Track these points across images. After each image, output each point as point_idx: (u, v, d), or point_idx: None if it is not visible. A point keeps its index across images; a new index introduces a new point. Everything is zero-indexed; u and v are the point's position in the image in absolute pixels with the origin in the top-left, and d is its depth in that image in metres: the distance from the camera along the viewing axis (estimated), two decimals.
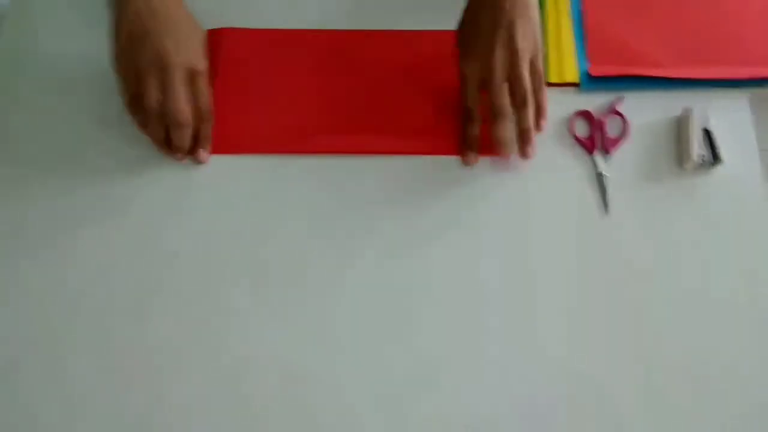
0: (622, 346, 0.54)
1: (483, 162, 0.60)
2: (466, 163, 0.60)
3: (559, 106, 0.62)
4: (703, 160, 0.58)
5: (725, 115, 0.60)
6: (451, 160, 0.61)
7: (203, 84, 0.57)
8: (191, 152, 0.59)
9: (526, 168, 0.60)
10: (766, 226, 0.57)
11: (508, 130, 0.57)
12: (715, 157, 0.58)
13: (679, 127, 0.61)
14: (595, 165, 0.60)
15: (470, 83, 0.58)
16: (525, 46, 0.55)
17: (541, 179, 0.60)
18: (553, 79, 0.63)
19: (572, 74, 0.63)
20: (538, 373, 0.53)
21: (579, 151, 0.61)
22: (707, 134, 0.59)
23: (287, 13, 0.67)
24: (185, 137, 0.57)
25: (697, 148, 0.58)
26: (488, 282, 0.56)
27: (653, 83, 0.62)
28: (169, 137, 0.57)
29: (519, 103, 0.56)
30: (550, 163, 0.60)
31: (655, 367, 0.53)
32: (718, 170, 0.59)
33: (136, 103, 0.56)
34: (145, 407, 0.52)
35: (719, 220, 0.58)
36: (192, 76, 0.56)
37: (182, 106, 0.55)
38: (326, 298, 0.56)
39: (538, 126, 0.59)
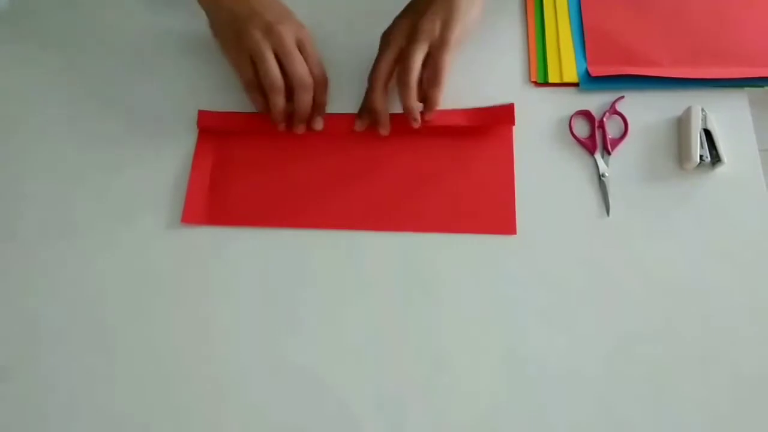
0: (623, 346, 0.54)
1: None
2: (355, 127, 0.60)
3: (559, 106, 0.62)
4: (703, 161, 0.58)
5: (725, 115, 0.60)
6: None
7: (312, 49, 0.58)
8: (308, 120, 0.60)
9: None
10: (766, 226, 0.57)
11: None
12: (715, 158, 0.58)
13: (680, 127, 0.61)
14: (596, 165, 0.60)
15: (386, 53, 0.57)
16: (426, 30, 0.55)
17: (542, 179, 0.59)
18: (553, 79, 0.63)
19: (572, 74, 0.63)
20: (538, 373, 0.53)
21: (580, 151, 0.61)
22: (707, 134, 0.59)
23: None
24: (307, 101, 0.58)
25: (698, 149, 0.58)
26: (489, 283, 0.56)
27: (653, 83, 0.62)
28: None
29: (403, 93, 0.56)
30: (551, 163, 0.60)
31: (657, 368, 0.53)
32: (719, 170, 0.59)
33: (254, 86, 0.58)
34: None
35: (719, 220, 0.57)
36: (300, 43, 0.57)
37: (304, 69, 0.56)
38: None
39: (423, 115, 0.58)
